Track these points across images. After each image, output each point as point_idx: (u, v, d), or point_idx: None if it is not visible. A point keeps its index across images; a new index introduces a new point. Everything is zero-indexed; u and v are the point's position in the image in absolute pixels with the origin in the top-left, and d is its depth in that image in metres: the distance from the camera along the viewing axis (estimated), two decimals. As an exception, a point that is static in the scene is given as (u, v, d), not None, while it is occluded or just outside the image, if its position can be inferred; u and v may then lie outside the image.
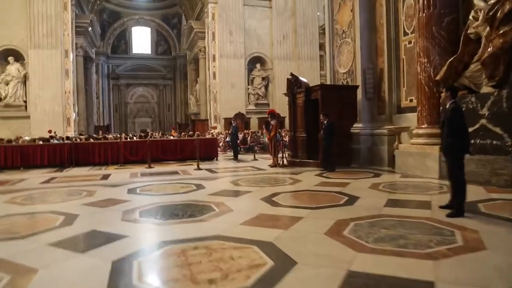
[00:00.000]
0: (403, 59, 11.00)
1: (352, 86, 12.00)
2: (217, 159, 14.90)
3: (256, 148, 15.65)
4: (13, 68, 25.32)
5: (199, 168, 11.70)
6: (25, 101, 25.52)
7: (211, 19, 28.00)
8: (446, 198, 5.58)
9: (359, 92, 11.87)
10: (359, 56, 11.98)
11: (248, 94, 28.25)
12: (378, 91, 11.74)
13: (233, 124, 15.68)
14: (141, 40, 41.00)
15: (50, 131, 23.66)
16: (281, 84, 28.23)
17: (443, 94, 5.77)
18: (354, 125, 11.14)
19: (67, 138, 15.66)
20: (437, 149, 8.39)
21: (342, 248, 3.75)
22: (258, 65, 28.43)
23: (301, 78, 12.23)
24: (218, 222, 4.98)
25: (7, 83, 25.32)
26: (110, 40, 39.82)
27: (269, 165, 12.04)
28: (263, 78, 28.50)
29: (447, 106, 5.21)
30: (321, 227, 4.50)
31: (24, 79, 25.48)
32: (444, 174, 6.65)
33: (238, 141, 17.31)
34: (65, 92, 26.08)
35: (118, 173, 11.31)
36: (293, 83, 12.24)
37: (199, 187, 8.22)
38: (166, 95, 41.63)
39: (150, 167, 12.59)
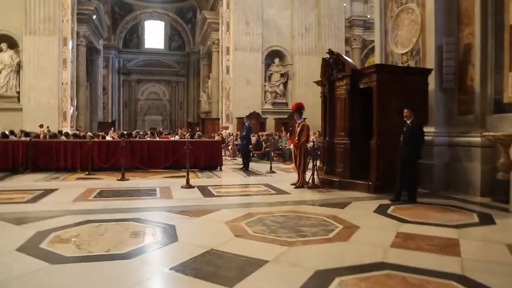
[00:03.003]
0: (510, 27, 6.63)
1: (420, 70, 7.65)
2: (221, 169, 10.67)
3: (272, 154, 11.34)
4: (6, 55, 21.62)
5: (188, 186, 7.48)
6: (18, 92, 21.80)
7: (226, 8, 23.89)
8: None
9: (431, 81, 7.52)
10: (431, 26, 7.63)
11: (265, 91, 23.99)
12: (461, 79, 7.36)
13: (246, 125, 11.41)
14: (154, 35, 37.06)
15: (41, 126, 19.91)
16: (302, 82, 24.03)
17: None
18: (424, 129, 6.75)
19: (26, 134, 11.62)
20: None
21: None
22: (276, 60, 24.17)
23: (345, 57, 7.93)
24: None
25: (-1, 72, 21.65)
26: (122, 33, 36.01)
27: (292, 184, 7.78)
28: (281, 75, 24.21)
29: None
30: None
31: (18, 68, 21.76)
32: None
33: (250, 146, 13.06)
34: (62, 84, 22.23)
35: (68, 189, 7.19)
36: (331, 65, 7.94)
37: (166, 238, 4.03)
38: (178, 93, 37.60)
39: (123, 178, 8.45)
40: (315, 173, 7.71)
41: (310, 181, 7.67)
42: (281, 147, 13.49)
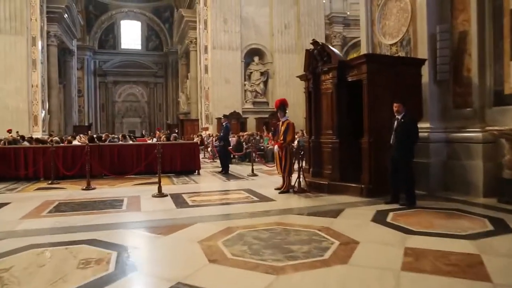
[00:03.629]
0: (511, 11, 5.99)
1: (413, 60, 6.95)
2: (199, 173, 9.78)
3: (254, 156, 10.52)
4: (-31, 56, 20.21)
5: (160, 194, 6.59)
6: (-16, 96, 20.39)
7: (203, 5, 22.93)
8: None
9: (424, 73, 6.84)
10: (423, 13, 6.95)
11: (245, 91, 23.17)
12: (457, 70, 6.70)
13: (224, 124, 10.54)
14: (131, 35, 35.73)
15: (9, 131, 18.61)
16: (282, 80, 23.32)
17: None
18: (418, 125, 6.04)
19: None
20: None
21: None
22: (256, 58, 23.38)
23: (331, 48, 7.15)
24: None
25: (-38, 74, 20.21)
26: (97, 34, 34.56)
27: (277, 189, 6.99)
28: (261, 73, 23.44)
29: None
30: None
31: (-17, 70, 20.34)
32: None
33: (230, 147, 12.20)
34: (32, 86, 20.94)
35: (21, 203, 6.17)
36: (316, 57, 7.16)
37: (122, 267, 3.17)
38: (157, 94, 36.34)
39: (88, 187, 7.49)
40: (301, 176, 6.93)
41: (296, 185, 6.89)
42: (263, 147, 12.68)
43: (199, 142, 18.91)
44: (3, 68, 20.16)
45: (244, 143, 13.06)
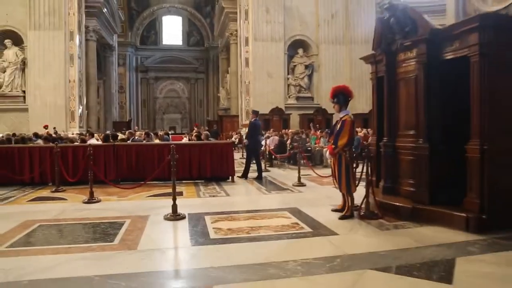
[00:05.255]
0: None
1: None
2: (232, 180, 7.84)
3: (300, 158, 8.38)
4: (10, 52, 19.61)
5: (175, 216, 4.70)
6: (24, 92, 19.73)
7: (244, -5, 21.06)
8: None
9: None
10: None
11: (288, 85, 21.10)
12: None
13: (252, 120, 8.62)
14: (172, 31, 34.53)
15: (46, 127, 17.76)
16: (329, 74, 21.00)
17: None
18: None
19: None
20: None
21: None
22: (300, 51, 21.23)
23: (417, 11, 4.91)
24: None
25: (3, 70, 19.66)
26: (139, 30, 33.65)
27: (335, 211, 4.94)
28: (306, 66, 21.25)
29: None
30: None
31: (23, 66, 19.73)
32: None
33: (267, 148, 10.21)
34: (69, 81, 19.99)
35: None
36: (392, 27, 4.98)
37: None
38: (197, 90, 34.95)
39: (91, 200, 5.77)
40: (370, 193, 4.81)
41: (363, 205, 4.79)
42: (310, 148, 10.57)
43: (237, 141, 17.14)
44: (42, 64, 19.36)
45: (288, 143, 11.02)
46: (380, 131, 5.61)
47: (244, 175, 8.17)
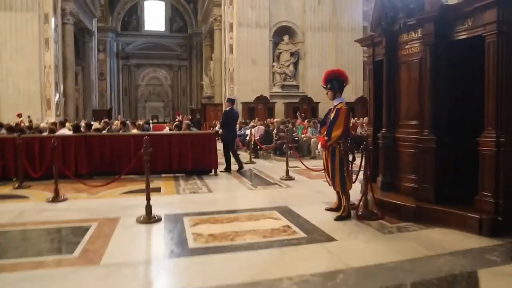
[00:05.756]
0: None
1: None
2: (215, 173, 7.21)
3: (289, 150, 7.78)
4: (-21, 36, 18.31)
5: (149, 218, 4.08)
6: (-5, 78, 18.55)
7: (229, -22, 20.17)
8: None
9: None
10: None
11: (273, 73, 20.44)
12: None
13: (227, 109, 7.96)
14: (155, 16, 33.26)
15: (19, 115, 16.77)
16: (315, 62, 20.40)
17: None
18: None
19: None
20: None
21: None
22: (286, 37, 20.55)
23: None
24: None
25: (-28, 54, 18.38)
26: (120, 15, 32.27)
27: (329, 210, 4.41)
28: (291, 54, 20.61)
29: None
30: None
31: (-6, 50, 18.45)
32: None
33: (252, 138, 9.63)
34: (45, 67, 18.88)
35: None
36: (394, 4, 4.40)
37: None
38: (181, 78, 33.89)
39: (56, 198, 5.09)
40: (368, 190, 4.29)
41: (361, 204, 4.26)
42: (297, 138, 10.02)
43: (220, 130, 16.48)
44: (14, 48, 18.17)
45: (274, 133, 10.44)
46: (377, 121, 5.08)
47: (227, 169, 7.57)
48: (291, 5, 20.61)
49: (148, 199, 4.17)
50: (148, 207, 4.14)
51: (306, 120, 11.59)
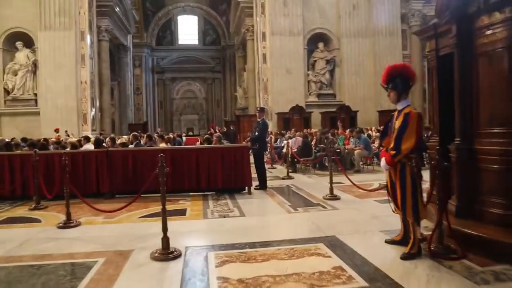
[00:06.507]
0: None
1: None
2: (249, 191, 6.37)
3: (332, 163, 6.77)
4: (21, 55, 18.75)
5: (165, 253, 3.28)
6: (36, 94, 18.85)
7: (260, -13, 19.61)
8: None
9: None
10: None
11: (308, 82, 19.54)
12: None
13: (260, 121, 7.03)
14: (188, 30, 33.29)
15: (57, 130, 16.80)
16: (351, 69, 19.36)
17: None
18: None
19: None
20: None
21: None
22: (320, 45, 19.66)
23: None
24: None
25: (15, 73, 18.81)
26: (155, 31, 32.56)
27: (390, 242, 3.43)
28: (327, 61, 19.65)
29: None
30: None
31: (34, 68, 18.82)
32: None
33: (289, 151, 8.72)
34: (81, 83, 18.96)
35: None
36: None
37: None
38: (215, 90, 33.60)
39: (68, 223, 4.42)
40: (444, 219, 3.28)
41: (435, 236, 3.26)
42: (339, 150, 9.03)
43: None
44: (53, 65, 18.38)
45: (313, 143, 9.50)
46: (444, 130, 4.06)
47: (262, 186, 6.71)
48: (325, 12, 19.74)
49: (164, 229, 3.37)
50: (165, 240, 3.34)
51: (349, 130, 10.54)
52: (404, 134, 3.15)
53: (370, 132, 13.56)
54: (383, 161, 3.33)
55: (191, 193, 6.25)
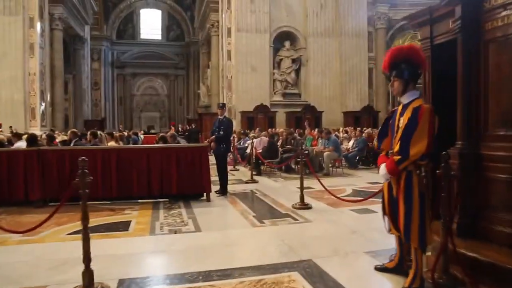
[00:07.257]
0: None
1: None
2: (208, 198, 5.48)
3: (300, 166, 6.05)
4: (-42, 40, 16.74)
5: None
6: (-24, 85, 16.93)
7: (227, -19, 18.73)
8: None
9: None
10: None
11: (274, 80, 18.83)
12: None
13: (222, 118, 6.19)
14: (151, 24, 31.73)
15: (-1, 125, 15.11)
16: (317, 68, 18.88)
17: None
18: None
19: None
20: None
21: None
22: (287, 43, 19.00)
23: None
24: None
25: (-46, 61, 16.77)
26: (115, 24, 30.74)
27: (380, 270, 2.69)
28: (293, 60, 19.03)
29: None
30: None
31: (-26, 56, 16.85)
32: None
33: (254, 151, 7.94)
34: (29, 74, 17.24)
35: None
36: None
37: None
38: (177, 87, 32.20)
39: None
40: (449, 242, 2.59)
41: (440, 264, 2.56)
42: (307, 151, 8.33)
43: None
44: (-4, 54, 16.57)
45: (279, 144, 8.76)
46: (442, 132, 3.40)
47: (223, 191, 5.87)
48: (292, 10, 19.12)
49: (87, 259, 2.44)
50: (87, 274, 2.42)
51: (317, 130, 9.89)
52: (413, 135, 2.42)
53: (337, 133, 13.06)
54: (382, 168, 2.58)
55: (140, 201, 5.30)
